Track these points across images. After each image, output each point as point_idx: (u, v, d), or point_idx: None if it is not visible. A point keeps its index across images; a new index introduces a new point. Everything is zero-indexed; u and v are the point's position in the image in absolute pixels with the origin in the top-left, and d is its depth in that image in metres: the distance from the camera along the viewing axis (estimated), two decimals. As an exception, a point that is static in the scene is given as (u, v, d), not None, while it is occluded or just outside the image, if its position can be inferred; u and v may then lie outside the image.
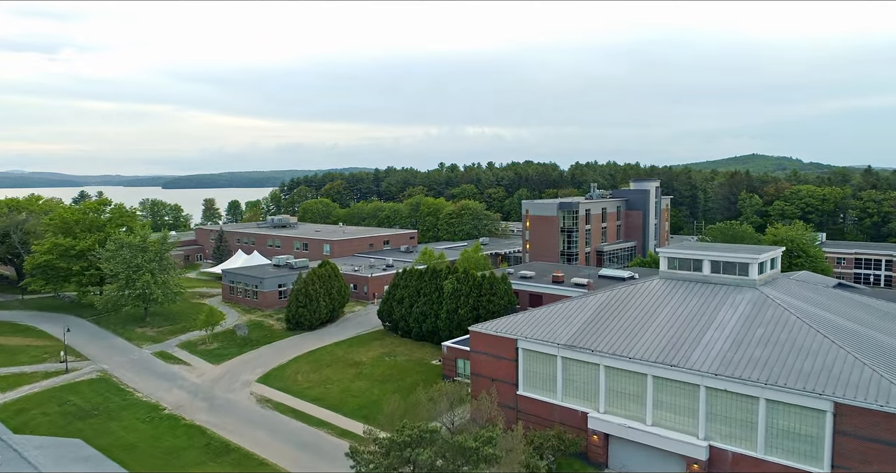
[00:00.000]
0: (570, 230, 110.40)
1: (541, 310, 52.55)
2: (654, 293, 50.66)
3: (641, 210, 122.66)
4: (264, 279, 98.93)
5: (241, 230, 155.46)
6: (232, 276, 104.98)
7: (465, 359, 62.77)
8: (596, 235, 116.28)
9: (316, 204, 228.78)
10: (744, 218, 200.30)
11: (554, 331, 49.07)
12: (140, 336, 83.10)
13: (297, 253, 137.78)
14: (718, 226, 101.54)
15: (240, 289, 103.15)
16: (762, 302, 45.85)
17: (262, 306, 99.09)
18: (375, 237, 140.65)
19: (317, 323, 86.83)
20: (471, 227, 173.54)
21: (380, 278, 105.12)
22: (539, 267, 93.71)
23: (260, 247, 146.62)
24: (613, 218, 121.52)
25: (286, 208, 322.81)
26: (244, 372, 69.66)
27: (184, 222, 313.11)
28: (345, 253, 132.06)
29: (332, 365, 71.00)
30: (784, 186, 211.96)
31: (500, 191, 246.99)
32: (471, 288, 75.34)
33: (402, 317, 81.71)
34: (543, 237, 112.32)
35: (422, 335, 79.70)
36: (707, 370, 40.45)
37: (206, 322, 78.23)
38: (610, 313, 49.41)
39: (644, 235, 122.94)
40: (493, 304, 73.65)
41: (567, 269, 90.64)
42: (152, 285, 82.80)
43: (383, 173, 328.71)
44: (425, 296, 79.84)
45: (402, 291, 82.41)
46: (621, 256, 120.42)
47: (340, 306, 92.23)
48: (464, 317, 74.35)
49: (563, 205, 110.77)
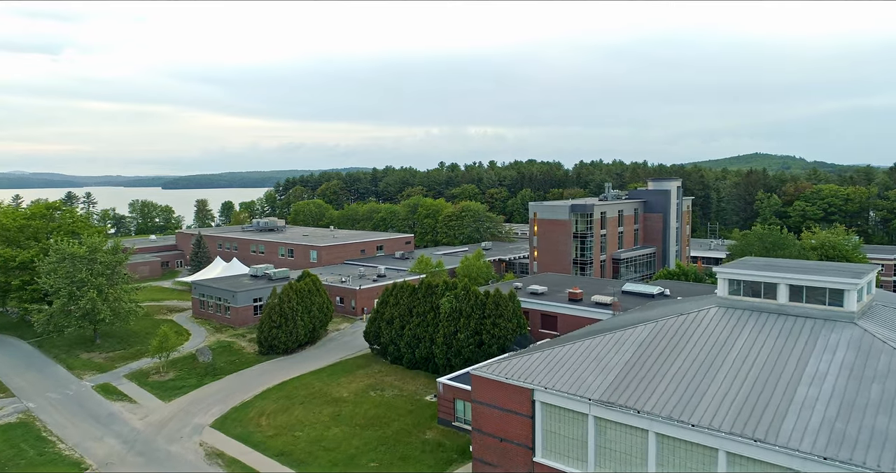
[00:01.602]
0: (584, 235, 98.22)
1: (564, 349, 40.37)
2: (715, 328, 38.44)
3: (661, 212, 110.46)
4: (237, 292, 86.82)
5: (222, 234, 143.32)
6: (202, 289, 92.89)
7: (465, 401, 50.72)
8: (612, 241, 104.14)
9: (308, 205, 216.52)
10: (761, 219, 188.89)
11: (583, 379, 36.92)
12: (84, 363, 70.97)
13: (282, 260, 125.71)
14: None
15: (211, 304, 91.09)
16: (869, 345, 33.68)
17: (234, 323, 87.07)
18: (368, 242, 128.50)
19: (294, 345, 74.79)
20: (472, 230, 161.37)
21: (369, 291, 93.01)
22: (551, 279, 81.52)
23: (243, 253, 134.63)
24: (630, 221, 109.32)
25: (281, 209, 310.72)
26: (198, 413, 57.52)
27: (175, 224, 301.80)
28: (334, 260, 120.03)
29: (305, 403, 58.86)
30: (804, 185, 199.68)
31: (503, 191, 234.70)
32: (472, 308, 63.24)
33: (391, 341, 69.66)
34: (553, 243, 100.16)
35: (414, 362, 67.65)
36: (810, 450, 28.28)
37: (159, 348, 66.10)
38: (657, 355, 37.22)
39: (664, 240, 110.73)
40: (499, 328, 61.54)
41: (584, 283, 78.42)
42: (99, 303, 70.63)
43: (381, 173, 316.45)
44: (418, 317, 67.75)
45: (392, 310, 70.34)
46: (640, 264, 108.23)
47: (322, 325, 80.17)
48: (464, 343, 62.27)
49: (575, 207, 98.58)
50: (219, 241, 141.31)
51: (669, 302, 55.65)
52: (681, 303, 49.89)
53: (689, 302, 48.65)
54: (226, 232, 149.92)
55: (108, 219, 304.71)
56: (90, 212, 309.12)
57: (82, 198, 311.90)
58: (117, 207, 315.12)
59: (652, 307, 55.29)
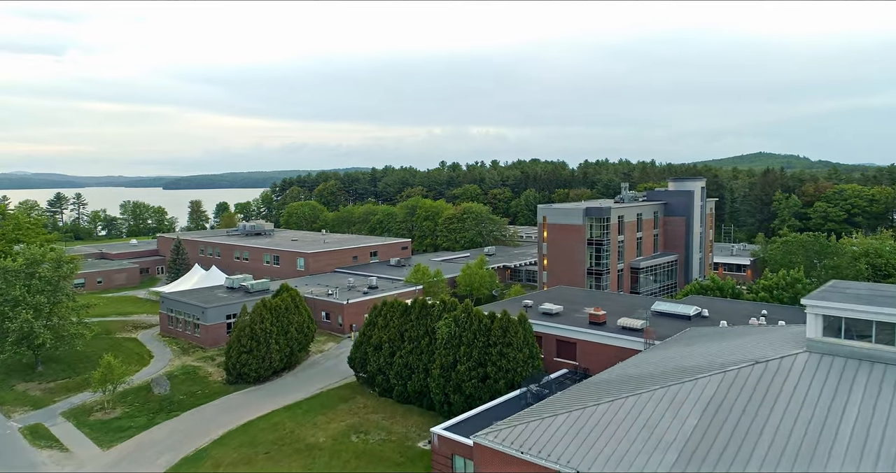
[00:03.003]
0: (600, 242, 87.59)
1: (598, 410, 29.86)
2: (810, 385, 27.88)
3: (684, 216, 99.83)
4: (207, 308, 76.33)
5: (204, 239, 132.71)
6: (171, 303, 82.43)
7: (466, 458, 40.25)
8: (630, 248, 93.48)
9: (302, 207, 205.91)
10: (779, 220, 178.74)
11: (630, 458, 26.43)
12: (18, 396, 60.48)
13: (267, 268, 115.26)
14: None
15: (180, 321, 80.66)
16: None
17: (204, 343, 76.63)
18: (361, 248, 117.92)
19: (267, 373, 64.32)
20: (474, 234, 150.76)
21: (358, 305, 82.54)
22: (566, 295, 70.92)
23: (226, 260, 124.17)
24: (650, 226, 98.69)
25: (277, 210, 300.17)
26: (141, 464, 47.08)
27: (168, 226, 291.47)
28: (323, 268, 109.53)
29: (272, 452, 48.35)
30: (824, 185, 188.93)
31: (506, 191, 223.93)
32: (475, 333, 52.69)
33: (379, 369, 59.16)
34: (565, 250, 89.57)
35: (406, 396, 57.14)
36: None
37: (102, 381, 55.60)
38: (732, 426, 26.68)
39: (687, 246, 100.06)
40: (508, 359, 50.99)
41: (605, 300, 67.78)
42: (36, 325, 60.14)
43: (381, 173, 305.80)
44: (411, 342, 57.23)
45: (381, 333, 59.83)
46: (660, 273, 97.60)
47: (303, 347, 69.71)
48: (464, 376, 51.76)
49: (590, 210, 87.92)
50: (201, 246, 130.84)
51: (715, 334, 45.05)
52: (737, 338, 39.30)
53: (752, 337, 38.03)
54: (209, 236, 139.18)
55: (99, 221, 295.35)
56: (80, 213, 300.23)
57: (72, 199, 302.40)
58: (108, 208, 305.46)
59: (695, 337, 44.79)
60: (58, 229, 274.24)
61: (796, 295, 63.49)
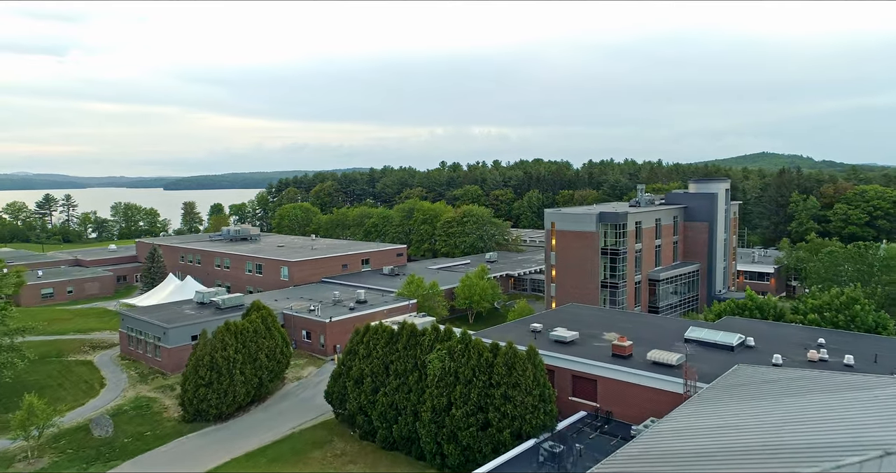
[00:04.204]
0: (616, 251, 77.93)
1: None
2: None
3: (706, 220, 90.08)
4: (168, 329, 66.79)
5: (185, 245, 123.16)
6: (131, 321, 72.95)
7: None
8: (648, 257, 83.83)
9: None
10: (797, 223, 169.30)
11: None
12: (-70, 440, 51.07)
13: (248, 278, 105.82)
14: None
15: (141, 341, 71.19)
16: None
17: (166, 368, 67.13)
18: (351, 256, 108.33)
19: (230, 409, 54.77)
20: (475, 239, 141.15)
21: (343, 323, 73.07)
22: (580, 316, 61.22)
23: (207, 269, 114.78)
24: (669, 232, 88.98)
25: (272, 212, 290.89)
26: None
27: (160, 228, 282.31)
28: (309, 277, 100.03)
29: (220, 521, 38.85)
30: (845, 186, 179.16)
31: (508, 192, 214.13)
32: (473, 370, 43.15)
33: (360, 408, 49.64)
34: (577, 260, 79.90)
35: (392, 441, 47.62)
36: None
37: (22, 424, 46.09)
38: None
39: (710, 255, 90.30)
40: (514, 404, 41.40)
41: (626, 323, 58.08)
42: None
43: (379, 173, 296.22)
44: (398, 377, 47.71)
45: (362, 364, 50.31)
46: (680, 285, 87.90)
47: (275, 375, 60.15)
48: (460, 423, 42.24)
49: (605, 216, 78.20)
50: (181, 253, 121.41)
51: (782, 380, 35.39)
52: (822, 393, 29.66)
53: (849, 394, 28.36)
54: (190, 242, 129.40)
55: (89, 223, 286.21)
56: (70, 215, 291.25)
57: (62, 200, 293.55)
58: (100, 210, 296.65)
59: (753, 382, 35.21)
60: (46, 231, 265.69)
61: (853, 317, 53.86)
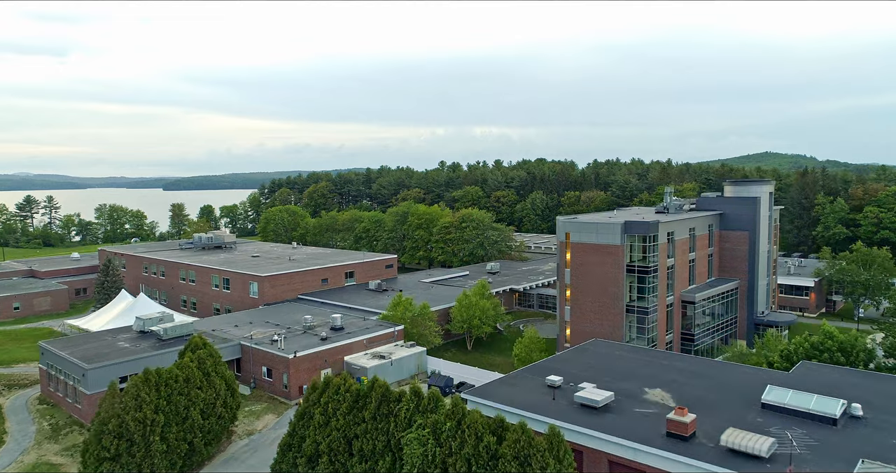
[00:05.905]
0: (644, 268, 64.10)
1: None
2: None
3: (747, 229, 76.36)
4: (88, 370, 53.06)
5: (149, 255, 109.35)
6: (50, 356, 59.31)
7: None
8: (681, 274, 70.04)
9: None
10: (823, 227, 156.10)
11: None
12: None
13: (215, 294, 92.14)
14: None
15: (61, 381, 57.59)
16: None
17: (85, 418, 53.43)
18: (333, 268, 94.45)
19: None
20: (475, 246, 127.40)
21: (312, 358, 59.35)
22: (608, 359, 47.34)
23: (171, 282, 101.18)
24: (703, 243, 75.21)
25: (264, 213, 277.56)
26: None
27: (146, 231, 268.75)
28: (283, 294, 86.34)
29: None
30: (876, 187, 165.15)
31: (511, 194, 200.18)
32: (469, 462, 29.47)
33: (314, 498, 35.97)
34: (597, 279, 66.09)
35: (355, 550, 33.92)
36: None
37: None
38: None
39: (751, 270, 76.52)
40: (528, 519, 27.67)
41: (669, 369, 44.15)
42: None
43: (376, 173, 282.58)
44: (363, 460, 34.05)
45: (318, 435, 36.64)
46: (717, 307, 74.03)
47: (214, 436, 46.48)
48: (450, 542, 28.50)
49: (631, 226, 64.34)
50: (145, 263, 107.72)
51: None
52: None
53: None
54: (154, 251, 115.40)
55: (73, 226, 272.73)
56: (52, 217, 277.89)
57: (43, 202, 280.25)
58: (83, 212, 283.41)
59: None
60: (27, 235, 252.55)
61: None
